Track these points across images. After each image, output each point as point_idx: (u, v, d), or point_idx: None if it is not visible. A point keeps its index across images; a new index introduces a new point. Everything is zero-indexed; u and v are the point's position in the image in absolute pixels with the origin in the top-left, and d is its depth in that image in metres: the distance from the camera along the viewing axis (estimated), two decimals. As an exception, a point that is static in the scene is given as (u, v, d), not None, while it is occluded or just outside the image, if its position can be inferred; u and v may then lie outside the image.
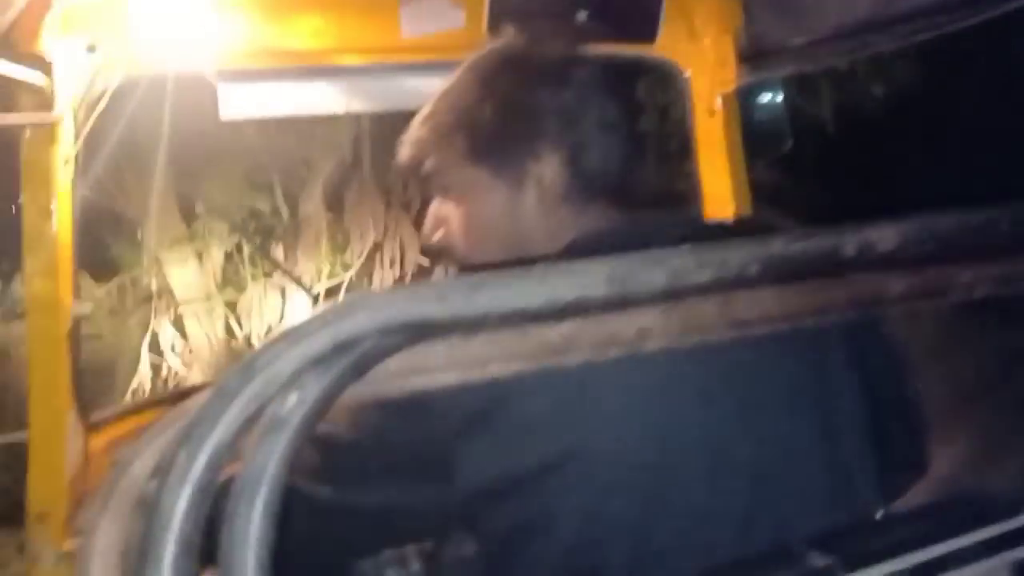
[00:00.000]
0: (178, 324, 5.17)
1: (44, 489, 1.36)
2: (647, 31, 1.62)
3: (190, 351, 5.17)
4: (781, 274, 0.63)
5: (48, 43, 1.24)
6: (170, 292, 5.18)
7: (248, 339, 5.17)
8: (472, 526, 0.85)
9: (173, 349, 5.09)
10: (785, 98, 1.93)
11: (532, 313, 0.55)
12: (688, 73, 1.76)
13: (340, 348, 0.48)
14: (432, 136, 0.95)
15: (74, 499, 1.38)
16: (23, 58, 1.22)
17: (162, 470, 0.49)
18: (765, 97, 1.93)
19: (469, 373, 0.60)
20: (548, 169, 0.91)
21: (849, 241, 0.64)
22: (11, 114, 1.22)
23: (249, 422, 0.48)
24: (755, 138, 1.83)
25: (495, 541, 0.82)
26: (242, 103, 1.59)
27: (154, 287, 5.15)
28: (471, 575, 0.89)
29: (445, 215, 0.96)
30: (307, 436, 0.49)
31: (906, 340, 0.95)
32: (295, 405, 0.48)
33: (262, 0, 1.45)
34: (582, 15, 1.52)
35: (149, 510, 0.46)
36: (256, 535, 0.45)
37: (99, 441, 1.63)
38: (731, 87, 1.73)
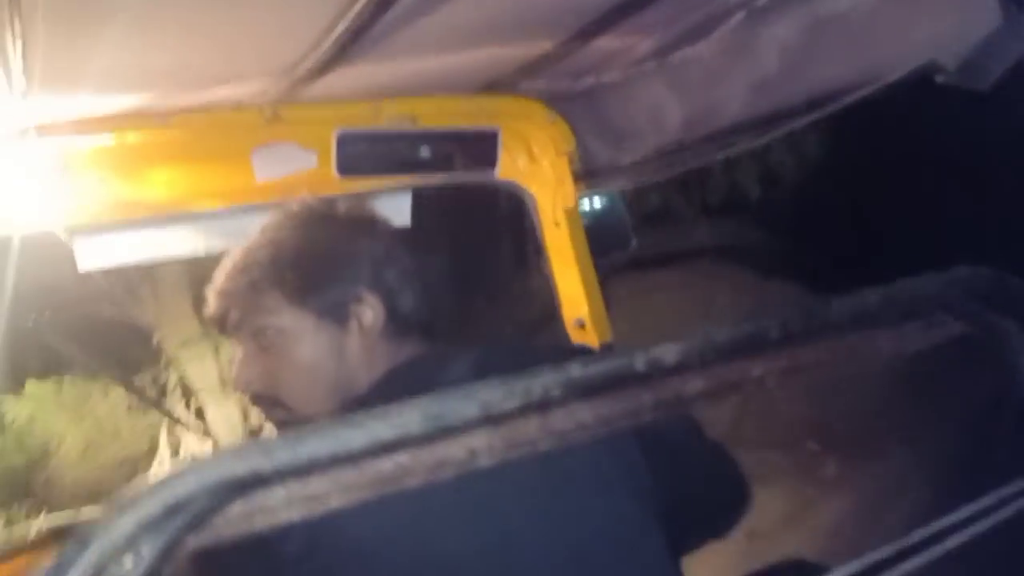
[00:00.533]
0: (198, 414, 5.49)
1: None
2: (488, 159, 1.75)
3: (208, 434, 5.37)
4: (583, 393, 0.72)
5: None
6: (187, 386, 5.51)
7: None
8: None
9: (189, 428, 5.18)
10: (625, 203, 2.13)
11: (356, 455, 0.61)
12: (532, 191, 1.91)
13: (171, 511, 0.53)
14: (249, 286, 1.01)
15: None
16: None
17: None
18: (607, 203, 2.12)
19: (311, 509, 0.66)
20: (369, 310, 1.00)
21: (639, 359, 0.73)
22: None
23: (89, 588, 0.52)
24: (602, 239, 1.99)
25: None
26: (99, 254, 1.62)
27: (172, 383, 5.49)
28: None
29: (265, 365, 1.02)
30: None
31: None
32: (131, 567, 0.53)
33: (113, 158, 1.49)
34: (425, 151, 1.64)
35: None
36: None
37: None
38: (571, 202, 1.88)
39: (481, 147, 1.72)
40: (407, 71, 1.64)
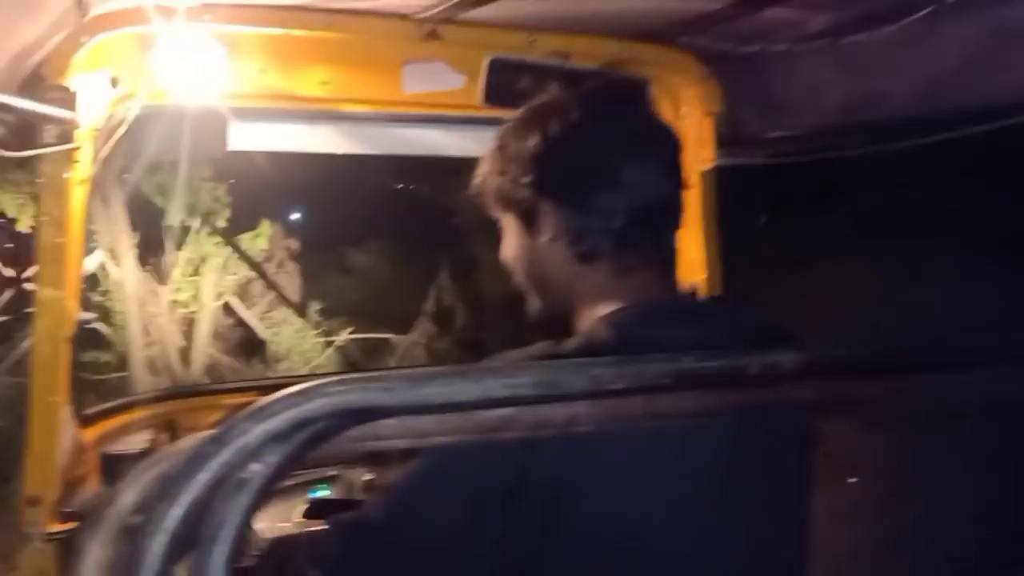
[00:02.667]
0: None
1: (38, 476, 1.44)
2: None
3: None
4: (692, 385, 0.73)
5: (74, 77, 1.34)
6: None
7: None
8: None
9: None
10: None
11: (467, 405, 0.65)
12: (671, 148, 1.87)
13: (298, 426, 0.58)
14: (487, 173, 1.05)
15: (64, 486, 1.47)
16: (49, 89, 1.31)
17: (144, 512, 0.59)
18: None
19: (415, 443, 0.70)
20: (557, 220, 0.98)
21: (754, 362, 0.74)
22: (36, 146, 1.31)
23: (218, 483, 0.57)
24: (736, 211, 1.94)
25: None
26: (249, 138, 1.70)
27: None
28: None
29: (504, 241, 1.07)
30: (265, 496, 0.59)
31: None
32: (257, 471, 0.58)
33: (273, 49, 1.55)
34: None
35: (133, 547, 0.55)
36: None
37: (89, 434, 1.72)
38: (709, 165, 1.84)
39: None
40: (567, 8, 1.62)
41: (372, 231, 6.98)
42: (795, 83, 1.59)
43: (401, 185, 6.54)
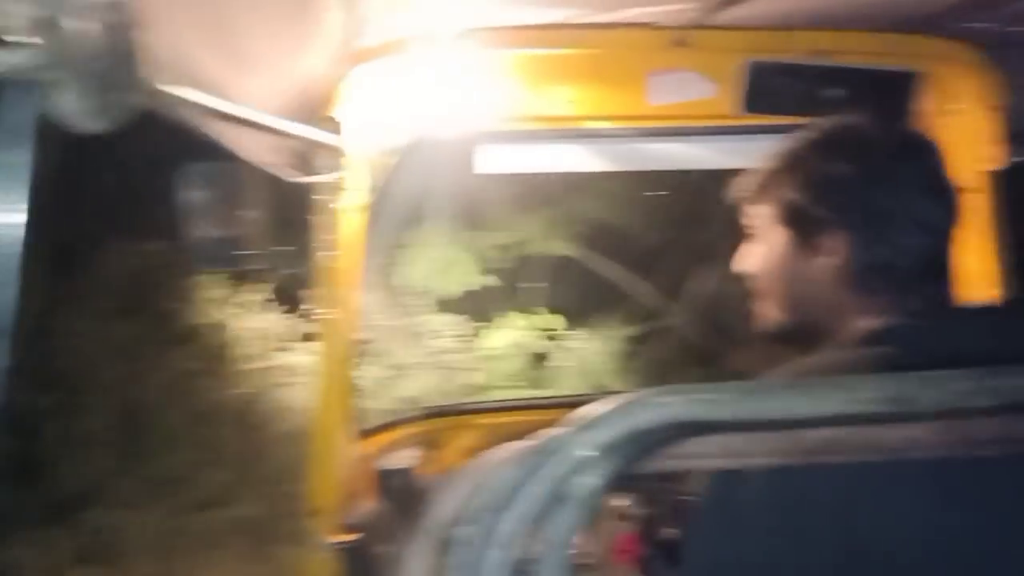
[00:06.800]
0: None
1: (320, 488, 1.53)
2: (901, 104, 1.58)
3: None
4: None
5: (341, 107, 1.42)
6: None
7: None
8: None
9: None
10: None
11: (797, 423, 0.58)
12: (942, 146, 1.69)
13: (630, 438, 0.54)
14: (758, 185, 1.05)
15: (344, 498, 1.55)
16: (319, 120, 1.40)
17: (466, 524, 0.57)
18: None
19: (729, 463, 0.64)
20: (846, 247, 0.96)
21: None
22: (309, 174, 1.40)
23: (549, 496, 0.55)
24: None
25: None
26: (497, 161, 1.73)
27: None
28: None
29: (753, 249, 1.06)
30: (592, 512, 0.56)
31: None
32: (586, 484, 0.55)
33: (524, 73, 1.56)
34: (836, 90, 1.51)
35: (462, 560, 0.53)
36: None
37: (368, 447, 1.81)
38: (994, 165, 1.65)
39: (897, 90, 1.55)
40: (824, 2, 1.51)
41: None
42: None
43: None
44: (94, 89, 0.44)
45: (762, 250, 1.05)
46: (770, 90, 1.49)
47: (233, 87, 0.97)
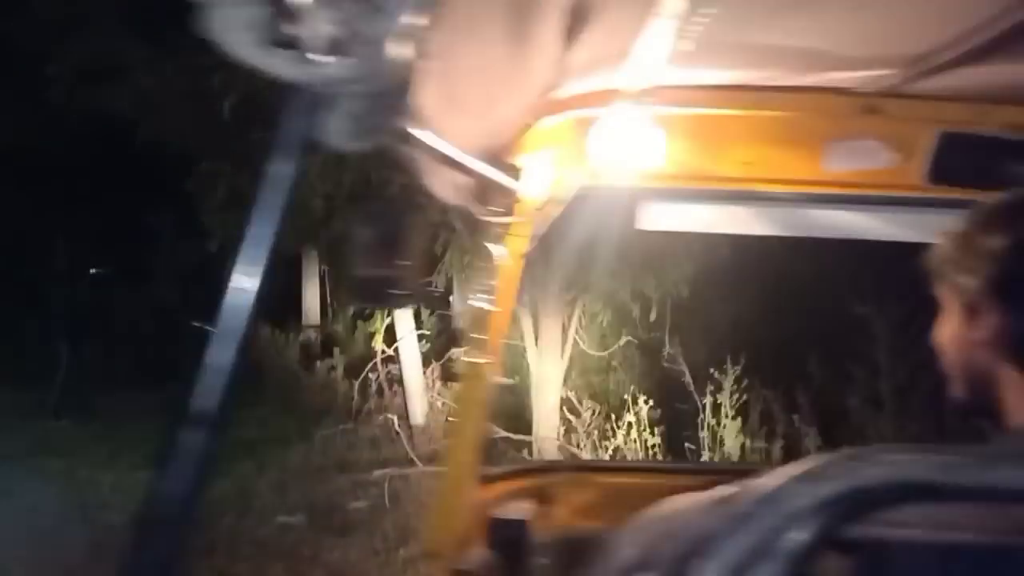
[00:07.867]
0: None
1: (440, 531, 1.54)
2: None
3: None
4: None
5: (525, 153, 1.46)
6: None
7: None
8: None
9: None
10: None
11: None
12: None
13: (851, 495, 0.52)
14: (934, 261, 1.04)
15: (459, 543, 1.56)
16: (502, 166, 1.44)
17: (651, 570, 0.56)
18: None
19: (938, 536, 0.60)
20: (1001, 322, 0.94)
21: None
22: (489, 210, 1.45)
23: (751, 550, 0.53)
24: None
25: None
26: (659, 218, 1.73)
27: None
28: None
29: (940, 323, 1.05)
30: (801, 570, 0.53)
31: None
32: (798, 540, 0.53)
33: (702, 129, 1.57)
34: (1021, 168, 1.44)
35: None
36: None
37: (488, 493, 1.82)
38: None
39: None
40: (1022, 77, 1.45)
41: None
42: None
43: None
44: (365, 111, 0.47)
45: (944, 324, 1.04)
46: (957, 162, 1.44)
47: (446, 125, 1.02)
